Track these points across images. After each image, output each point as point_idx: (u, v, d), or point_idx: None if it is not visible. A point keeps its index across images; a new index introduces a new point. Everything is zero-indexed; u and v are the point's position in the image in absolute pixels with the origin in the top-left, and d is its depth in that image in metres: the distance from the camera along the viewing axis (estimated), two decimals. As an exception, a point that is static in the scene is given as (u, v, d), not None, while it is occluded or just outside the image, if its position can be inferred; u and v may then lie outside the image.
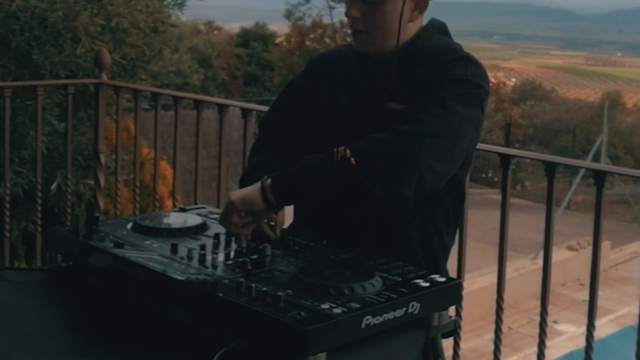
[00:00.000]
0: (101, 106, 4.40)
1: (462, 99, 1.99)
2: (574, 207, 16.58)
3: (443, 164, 1.96)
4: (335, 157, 1.88)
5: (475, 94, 2.03)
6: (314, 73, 2.32)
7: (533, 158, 3.48)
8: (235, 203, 1.94)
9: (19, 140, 5.00)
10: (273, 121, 2.37)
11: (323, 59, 2.35)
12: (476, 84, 2.03)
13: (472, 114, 2.02)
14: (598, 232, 2.74)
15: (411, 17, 2.11)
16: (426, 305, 1.73)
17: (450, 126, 1.97)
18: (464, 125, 2.00)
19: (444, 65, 2.06)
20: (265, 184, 1.94)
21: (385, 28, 2.09)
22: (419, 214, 2.12)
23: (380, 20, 2.08)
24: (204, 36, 25.95)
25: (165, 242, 1.94)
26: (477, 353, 8.31)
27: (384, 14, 2.07)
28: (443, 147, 1.95)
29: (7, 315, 1.81)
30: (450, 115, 1.96)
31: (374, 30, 2.10)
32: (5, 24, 4.72)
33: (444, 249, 2.21)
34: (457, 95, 1.99)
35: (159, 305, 1.74)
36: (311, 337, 1.50)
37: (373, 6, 2.07)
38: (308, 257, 1.90)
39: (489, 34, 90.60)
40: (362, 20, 2.10)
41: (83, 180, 5.32)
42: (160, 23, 5.46)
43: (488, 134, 22.39)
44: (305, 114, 2.27)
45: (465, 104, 2.00)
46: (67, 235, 2.00)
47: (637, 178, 3.13)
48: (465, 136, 2.02)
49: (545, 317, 2.90)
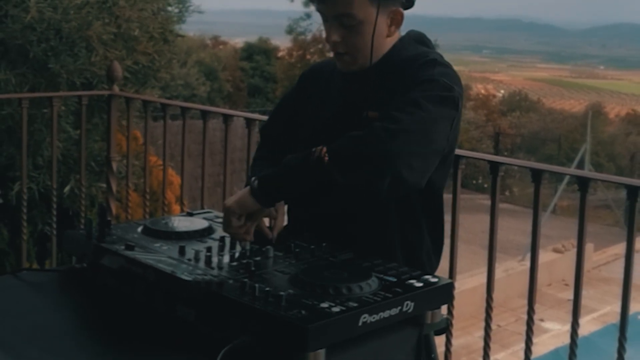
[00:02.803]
0: (113, 116, 4.40)
1: (434, 98, 1.96)
2: (559, 211, 16.58)
3: (419, 159, 1.92)
4: (312, 156, 1.89)
5: (446, 94, 1.99)
6: (304, 84, 2.33)
7: (521, 165, 3.47)
8: (231, 207, 1.95)
9: (36, 147, 5.00)
10: (271, 129, 2.40)
11: (312, 71, 2.36)
12: (445, 84, 1.99)
13: (445, 112, 1.99)
14: (582, 235, 2.74)
15: (389, 33, 2.11)
16: (420, 304, 1.73)
17: (425, 124, 1.93)
18: (438, 123, 1.97)
19: (415, 70, 2.04)
20: (254, 185, 1.95)
21: (366, 48, 2.08)
22: (398, 214, 2.11)
23: (360, 42, 2.07)
24: (210, 50, 25.99)
25: (173, 244, 1.94)
26: (468, 349, 8.30)
27: (363, 35, 2.06)
28: (417, 143, 1.91)
29: (24, 313, 1.81)
30: (424, 114, 1.93)
31: (355, 52, 2.09)
32: (23, 35, 4.72)
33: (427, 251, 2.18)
34: (429, 94, 1.96)
35: (167, 304, 1.74)
36: (311, 334, 1.50)
37: (351, 29, 2.06)
38: (308, 258, 1.90)
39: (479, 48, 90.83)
40: (343, 44, 2.09)
41: (95, 184, 5.32)
42: (169, 32, 5.47)
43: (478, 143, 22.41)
44: (297, 122, 2.28)
45: (438, 102, 1.96)
46: (81, 238, 2.00)
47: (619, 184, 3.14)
48: (439, 133, 1.98)
49: (532, 315, 2.89)
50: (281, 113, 2.39)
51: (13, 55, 4.87)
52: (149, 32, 5.14)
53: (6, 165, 4.90)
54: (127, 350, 1.66)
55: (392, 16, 2.09)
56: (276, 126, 2.39)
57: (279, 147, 2.30)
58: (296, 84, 2.37)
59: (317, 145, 1.97)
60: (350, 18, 2.05)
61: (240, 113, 3.99)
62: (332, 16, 2.08)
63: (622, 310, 2.67)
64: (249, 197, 1.95)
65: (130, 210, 4.42)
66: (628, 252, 2.64)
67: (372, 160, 1.88)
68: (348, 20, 2.06)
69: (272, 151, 2.31)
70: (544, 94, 47.27)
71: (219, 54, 25.24)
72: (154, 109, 4.30)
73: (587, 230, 2.76)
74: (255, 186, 1.95)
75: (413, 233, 2.14)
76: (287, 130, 2.32)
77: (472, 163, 7.96)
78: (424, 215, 2.15)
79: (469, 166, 10.68)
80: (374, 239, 2.10)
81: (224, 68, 23.69)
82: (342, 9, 2.05)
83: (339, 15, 2.07)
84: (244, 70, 24.49)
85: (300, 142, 2.21)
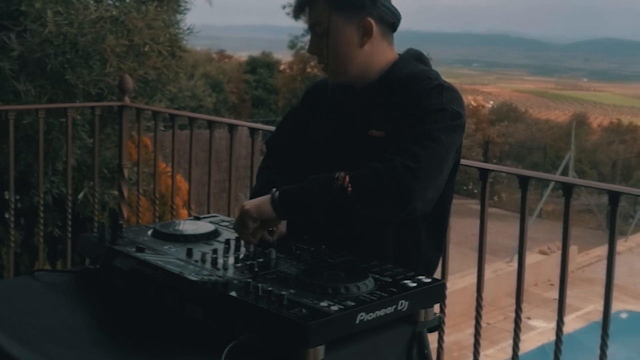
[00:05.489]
0: (124, 126, 4.41)
1: (446, 129, 1.96)
2: (545, 215, 16.56)
3: (433, 191, 1.93)
4: (336, 183, 1.88)
5: (456, 123, 1.99)
6: (308, 99, 2.32)
7: (508, 172, 3.47)
8: (250, 210, 1.95)
9: (54, 154, 5.01)
10: (277, 142, 2.38)
11: (317, 86, 2.34)
12: (455, 112, 1.99)
13: (456, 139, 2.00)
14: (566, 238, 2.73)
15: (361, 43, 2.07)
16: (414, 303, 1.73)
17: (440, 157, 1.94)
18: (449, 152, 1.98)
19: (422, 94, 2.01)
20: (275, 195, 1.95)
21: (340, 57, 2.07)
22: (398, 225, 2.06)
23: (332, 51, 2.06)
24: (216, 64, 26.01)
25: (181, 247, 1.94)
26: (459, 345, 8.29)
27: (334, 44, 2.05)
28: (434, 177, 1.92)
29: (41, 311, 1.81)
30: (438, 147, 1.93)
31: (331, 61, 2.08)
32: (42, 49, 4.73)
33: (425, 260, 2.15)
34: (441, 126, 1.95)
35: (175, 303, 1.74)
36: (311, 331, 1.50)
37: (322, 38, 2.07)
38: (308, 260, 1.90)
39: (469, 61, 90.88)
40: (320, 55, 2.10)
41: (107, 191, 5.32)
42: (177, 47, 5.47)
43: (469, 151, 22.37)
44: (301, 135, 2.28)
45: (449, 132, 1.97)
46: (95, 241, 2.00)
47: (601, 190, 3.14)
48: (449, 162, 1.99)
49: (519, 313, 2.89)
50: (286, 126, 2.38)
51: (32, 68, 4.88)
52: (158, 50, 5.15)
53: (25, 172, 4.91)
54: (138, 346, 1.65)
55: (362, 27, 2.06)
56: (281, 138, 2.37)
57: (284, 158, 2.30)
58: (301, 99, 2.36)
59: (323, 158, 1.97)
60: (319, 26, 2.06)
61: (244, 123, 4.00)
62: (309, 26, 2.09)
63: (605, 309, 2.67)
64: (268, 205, 1.95)
65: (141, 215, 4.42)
66: (610, 254, 2.64)
67: (394, 198, 1.88)
68: (319, 29, 2.07)
69: (277, 162, 2.31)
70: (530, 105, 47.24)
71: (225, 67, 25.25)
72: (163, 119, 4.31)
73: (571, 233, 2.76)
74: (276, 197, 1.95)
75: (411, 242, 2.12)
76: (291, 142, 2.31)
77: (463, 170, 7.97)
78: (424, 225, 2.12)
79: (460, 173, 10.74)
80: (370, 248, 2.06)
81: (229, 80, 23.69)
82: (313, 18, 2.08)
83: (312, 25, 2.08)
84: (247, 83, 24.49)
85: (304, 154, 2.21)
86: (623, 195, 2.63)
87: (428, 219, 2.10)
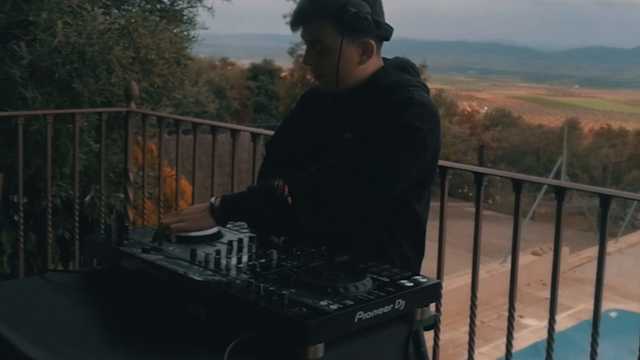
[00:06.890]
0: (130, 131, 4.41)
1: (398, 142, 1.96)
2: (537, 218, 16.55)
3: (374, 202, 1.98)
4: (275, 192, 1.91)
5: (412, 137, 1.97)
6: (304, 103, 2.34)
7: (502, 176, 3.48)
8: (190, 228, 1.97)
9: (61, 159, 5.01)
10: (275, 145, 2.40)
11: (311, 92, 2.35)
12: (413, 127, 1.96)
13: (409, 155, 1.98)
14: (558, 239, 2.74)
15: (361, 61, 2.08)
16: (410, 302, 1.73)
17: (383, 169, 1.96)
18: (397, 167, 1.97)
19: (387, 105, 2.01)
20: (215, 205, 1.97)
21: (338, 73, 2.07)
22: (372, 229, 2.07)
23: (330, 67, 2.07)
24: (219, 71, 26.02)
25: (185, 248, 1.94)
26: (454, 343, 8.29)
27: (332, 61, 2.05)
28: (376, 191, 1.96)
29: (50, 311, 1.81)
30: (382, 159, 1.95)
31: (328, 74, 2.09)
32: (50, 58, 4.73)
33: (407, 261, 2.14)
34: (394, 139, 1.96)
35: (180, 302, 1.75)
36: (311, 329, 1.50)
37: (322, 54, 2.07)
38: (308, 261, 1.90)
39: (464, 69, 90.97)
40: (317, 67, 2.10)
41: (114, 194, 5.31)
42: (182, 56, 5.48)
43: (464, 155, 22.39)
44: (297, 138, 2.29)
45: (401, 146, 1.96)
46: (101, 242, 2.01)
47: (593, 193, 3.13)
48: (396, 174, 1.98)
49: (512, 312, 2.89)
50: (284, 130, 2.39)
51: (40, 76, 4.88)
52: (164, 58, 5.16)
53: (34, 176, 4.91)
54: (143, 344, 1.66)
55: (363, 47, 2.07)
56: (279, 142, 2.39)
57: (282, 160, 2.31)
58: (297, 103, 2.37)
59: (310, 160, 1.98)
60: (320, 44, 2.06)
61: (246, 128, 3.99)
62: (307, 41, 2.10)
63: (595, 308, 2.67)
64: (208, 219, 1.97)
65: (146, 217, 4.42)
66: (600, 255, 2.64)
67: (330, 213, 1.95)
68: (319, 46, 2.07)
69: (276, 164, 2.33)
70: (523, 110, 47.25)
71: (227, 74, 25.27)
72: (167, 124, 4.31)
73: (563, 234, 2.76)
74: (217, 206, 1.97)
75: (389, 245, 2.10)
76: (289, 145, 2.32)
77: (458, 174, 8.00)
78: (402, 229, 2.11)
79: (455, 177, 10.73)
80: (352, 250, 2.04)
81: (231, 87, 23.71)
82: (313, 35, 2.07)
83: (312, 41, 2.08)
84: (250, 89, 24.50)
85: (298, 156, 2.22)
86: (613, 198, 2.63)
87: (403, 226, 2.11)
